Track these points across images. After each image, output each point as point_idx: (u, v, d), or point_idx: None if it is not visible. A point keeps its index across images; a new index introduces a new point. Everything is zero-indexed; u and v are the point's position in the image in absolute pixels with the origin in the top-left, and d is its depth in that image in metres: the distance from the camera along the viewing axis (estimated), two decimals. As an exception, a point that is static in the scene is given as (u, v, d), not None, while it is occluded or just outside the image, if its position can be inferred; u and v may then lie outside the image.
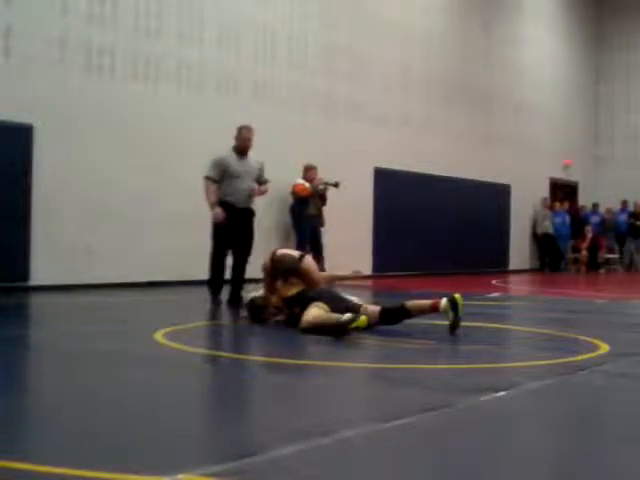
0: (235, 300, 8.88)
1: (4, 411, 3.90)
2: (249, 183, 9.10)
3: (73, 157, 10.95)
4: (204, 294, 9.18)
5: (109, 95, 11.34)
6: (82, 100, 11.03)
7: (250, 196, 9.15)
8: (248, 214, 9.13)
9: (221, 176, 8.95)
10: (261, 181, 9.30)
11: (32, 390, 4.71)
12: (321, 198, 13.61)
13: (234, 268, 9.08)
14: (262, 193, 9.29)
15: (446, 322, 6.96)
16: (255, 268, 8.17)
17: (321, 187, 13.49)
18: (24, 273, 10.47)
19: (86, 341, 6.27)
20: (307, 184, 13.35)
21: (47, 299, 9.89)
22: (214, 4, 12.79)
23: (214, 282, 9.05)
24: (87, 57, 11.14)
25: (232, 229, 8.95)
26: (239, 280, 9.05)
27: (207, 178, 9.00)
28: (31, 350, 6.27)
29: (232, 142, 9.23)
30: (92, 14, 11.18)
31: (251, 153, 9.21)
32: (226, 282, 9.09)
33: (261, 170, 9.27)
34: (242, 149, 9.09)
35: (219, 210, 8.86)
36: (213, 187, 8.95)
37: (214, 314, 8.60)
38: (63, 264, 10.80)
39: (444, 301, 6.74)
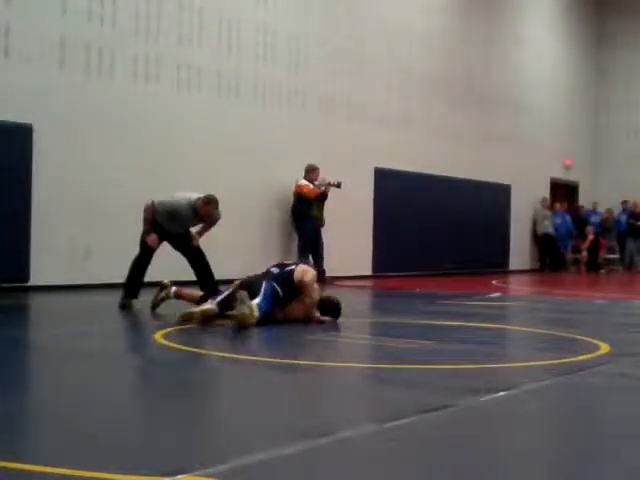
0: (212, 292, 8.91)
1: (4, 411, 3.90)
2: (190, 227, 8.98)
3: (73, 157, 10.94)
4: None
5: (109, 95, 11.34)
6: (82, 100, 11.03)
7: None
8: (182, 234, 8.95)
9: (164, 212, 8.66)
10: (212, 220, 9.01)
11: (32, 390, 4.71)
12: (323, 198, 13.60)
13: (198, 270, 8.91)
14: (196, 243, 8.98)
15: (446, 322, 6.98)
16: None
17: (323, 187, 13.48)
18: (24, 273, 10.46)
19: (86, 341, 6.27)
20: (311, 185, 13.35)
21: (47, 299, 9.90)
22: (214, 4, 12.78)
23: (132, 286, 8.77)
24: (87, 57, 11.13)
25: (167, 239, 8.84)
26: (210, 277, 8.92)
27: (154, 204, 8.64)
28: (31, 350, 6.26)
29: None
30: (92, 14, 11.18)
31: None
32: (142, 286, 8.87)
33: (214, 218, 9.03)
34: (203, 219, 8.82)
35: (155, 237, 8.65)
36: (152, 213, 8.65)
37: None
38: (63, 264, 10.80)
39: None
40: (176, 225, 8.82)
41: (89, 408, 4.05)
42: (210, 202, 8.71)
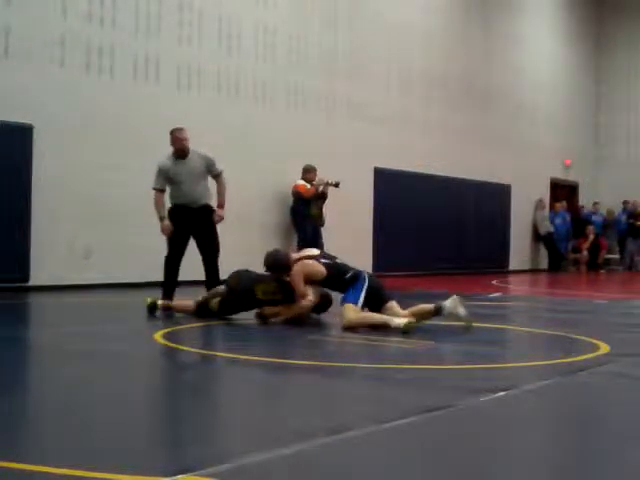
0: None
1: (4, 411, 3.90)
2: (195, 183, 8.88)
3: (73, 157, 10.95)
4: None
5: (109, 95, 11.34)
6: (82, 100, 11.03)
7: (203, 195, 8.93)
8: (204, 212, 8.91)
9: (165, 184, 8.75)
10: (213, 174, 9.02)
11: (32, 390, 4.71)
12: (322, 198, 13.61)
13: (207, 268, 8.92)
14: (221, 218, 8.96)
15: (444, 322, 6.97)
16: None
17: (321, 187, 13.49)
18: (24, 273, 10.47)
19: (86, 341, 6.27)
20: (308, 185, 13.36)
21: (47, 299, 9.89)
22: (214, 4, 12.79)
23: (167, 286, 8.79)
24: (87, 57, 11.14)
25: (191, 230, 8.84)
26: (215, 278, 8.91)
27: (154, 189, 8.76)
28: (31, 350, 6.26)
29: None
30: (92, 14, 11.18)
31: (202, 149, 8.98)
32: (179, 285, 8.88)
33: (209, 163, 8.95)
34: (179, 152, 8.85)
35: (167, 223, 8.66)
36: (160, 199, 8.75)
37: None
38: (63, 264, 10.80)
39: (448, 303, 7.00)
40: (184, 188, 8.73)
41: (89, 408, 4.05)
42: (173, 130, 8.86)
